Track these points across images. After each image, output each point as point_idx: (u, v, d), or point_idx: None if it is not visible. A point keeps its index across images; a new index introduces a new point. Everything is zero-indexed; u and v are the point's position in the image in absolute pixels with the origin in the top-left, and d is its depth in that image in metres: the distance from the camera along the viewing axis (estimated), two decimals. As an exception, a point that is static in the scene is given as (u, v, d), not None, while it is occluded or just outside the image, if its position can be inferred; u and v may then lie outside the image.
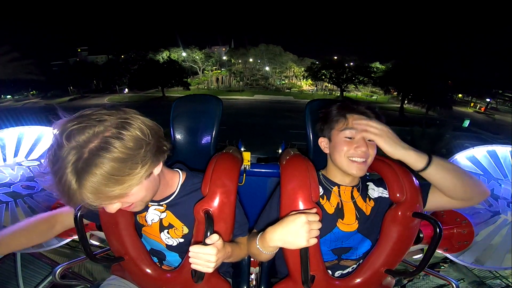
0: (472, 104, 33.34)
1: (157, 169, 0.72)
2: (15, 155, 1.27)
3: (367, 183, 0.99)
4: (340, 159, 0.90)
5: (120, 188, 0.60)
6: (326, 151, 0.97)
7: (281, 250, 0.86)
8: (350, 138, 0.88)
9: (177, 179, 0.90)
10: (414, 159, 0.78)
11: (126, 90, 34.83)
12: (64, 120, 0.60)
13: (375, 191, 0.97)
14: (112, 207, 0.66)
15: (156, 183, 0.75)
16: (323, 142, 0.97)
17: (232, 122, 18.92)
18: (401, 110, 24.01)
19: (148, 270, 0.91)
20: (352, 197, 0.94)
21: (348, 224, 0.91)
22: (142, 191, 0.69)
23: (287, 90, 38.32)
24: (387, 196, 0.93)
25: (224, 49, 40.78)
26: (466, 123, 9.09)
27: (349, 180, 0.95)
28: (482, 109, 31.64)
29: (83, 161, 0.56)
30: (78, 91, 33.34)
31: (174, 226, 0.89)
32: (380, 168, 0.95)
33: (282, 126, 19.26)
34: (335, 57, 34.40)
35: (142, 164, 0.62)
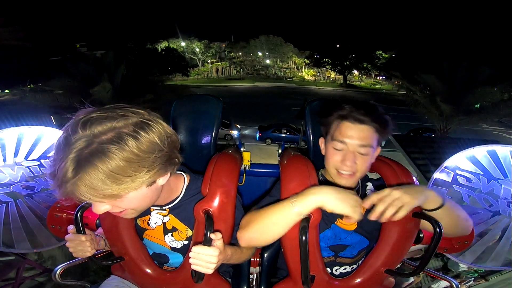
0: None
1: (163, 180, 0.68)
2: (15, 155, 1.27)
3: (367, 183, 0.99)
4: (328, 168, 0.89)
5: (116, 188, 0.56)
6: (323, 152, 0.95)
7: (281, 250, 0.86)
8: (339, 149, 0.85)
9: (181, 183, 0.88)
10: (428, 197, 0.74)
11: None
12: (88, 109, 0.58)
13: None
14: (100, 208, 0.62)
15: (157, 193, 0.72)
16: (321, 143, 0.95)
17: (233, 102, 19.05)
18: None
19: (148, 270, 0.91)
20: None
21: (347, 224, 0.92)
22: (138, 199, 0.64)
23: (289, 79, 37.97)
24: None
25: (224, 45, 40.62)
26: (477, 105, 9.90)
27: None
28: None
29: (89, 151, 0.53)
30: (76, 83, 32.86)
31: (178, 229, 0.88)
32: (380, 168, 0.95)
33: (284, 105, 19.27)
34: (338, 45, 34.41)
35: (148, 169, 0.59)
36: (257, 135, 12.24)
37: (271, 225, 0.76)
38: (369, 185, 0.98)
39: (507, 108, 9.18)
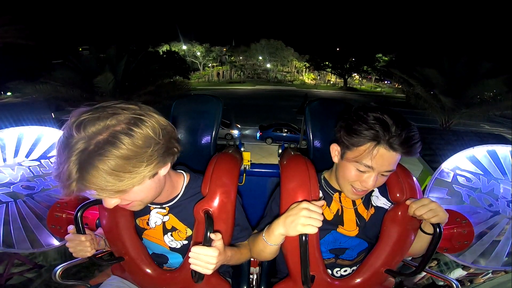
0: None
1: (164, 170, 0.70)
2: (15, 155, 1.27)
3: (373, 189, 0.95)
4: (342, 182, 0.86)
5: (119, 185, 0.59)
6: (335, 160, 0.87)
7: (281, 250, 0.86)
8: (362, 171, 0.78)
9: (181, 181, 0.89)
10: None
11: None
12: (80, 110, 0.60)
13: (378, 199, 0.95)
14: (110, 202, 0.65)
15: (161, 185, 0.74)
16: (335, 151, 0.86)
17: (234, 104, 19.40)
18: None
19: (148, 270, 0.91)
20: (354, 204, 0.93)
21: (349, 230, 0.91)
22: (143, 191, 0.67)
23: (289, 83, 38.19)
24: (388, 207, 0.92)
25: (225, 49, 40.80)
26: (478, 98, 10.28)
27: None
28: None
29: (87, 153, 0.55)
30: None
31: (177, 229, 0.89)
32: None
33: (284, 106, 19.50)
34: (338, 49, 34.65)
35: (147, 163, 0.61)
36: (258, 135, 12.25)
37: (261, 252, 0.86)
38: (375, 191, 0.96)
39: (508, 100, 9.14)
